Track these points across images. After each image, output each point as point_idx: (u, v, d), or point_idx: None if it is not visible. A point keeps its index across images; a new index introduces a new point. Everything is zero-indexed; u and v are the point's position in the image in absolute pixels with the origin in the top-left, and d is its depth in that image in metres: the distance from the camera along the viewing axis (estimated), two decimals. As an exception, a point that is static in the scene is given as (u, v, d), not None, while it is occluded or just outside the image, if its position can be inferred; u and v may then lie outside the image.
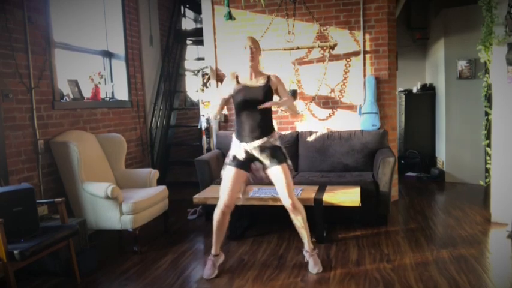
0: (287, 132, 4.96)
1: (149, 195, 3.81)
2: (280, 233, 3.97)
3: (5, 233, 2.60)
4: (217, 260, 3.15)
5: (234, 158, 3.03)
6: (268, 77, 3.02)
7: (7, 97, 3.38)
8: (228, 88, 2.98)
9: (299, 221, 3.08)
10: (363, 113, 4.79)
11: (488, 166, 4.22)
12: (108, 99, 4.93)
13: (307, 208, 3.66)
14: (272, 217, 4.12)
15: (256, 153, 2.97)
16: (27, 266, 2.86)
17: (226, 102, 3.05)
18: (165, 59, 5.95)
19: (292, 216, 3.09)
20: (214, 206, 3.06)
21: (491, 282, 2.82)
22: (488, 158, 4.21)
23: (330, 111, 5.02)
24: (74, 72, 4.44)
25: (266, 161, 2.98)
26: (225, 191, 3.02)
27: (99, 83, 4.58)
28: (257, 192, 3.82)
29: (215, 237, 3.11)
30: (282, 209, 3.76)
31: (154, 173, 4.28)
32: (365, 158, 4.55)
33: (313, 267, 3.08)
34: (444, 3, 5.95)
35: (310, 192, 3.76)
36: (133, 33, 5.26)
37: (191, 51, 7.02)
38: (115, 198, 3.54)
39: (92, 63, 4.79)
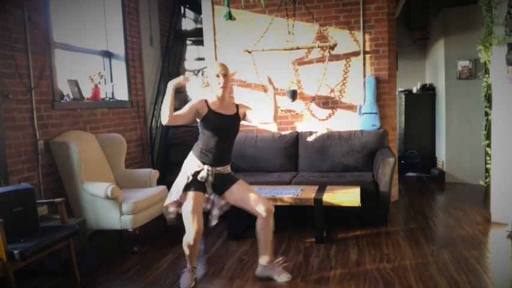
0: (287, 132, 4.97)
1: (149, 195, 3.81)
2: (280, 233, 3.96)
3: (5, 233, 2.60)
4: (195, 272, 3.04)
5: (193, 180, 2.87)
6: (237, 106, 3.03)
7: (7, 97, 3.38)
8: (195, 105, 2.85)
9: (270, 229, 2.96)
10: (363, 113, 4.79)
11: (488, 166, 4.22)
12: (108, 99, 4.93)
13: (308, 208, 3.67)
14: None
15: (213, 179, 2.89)
16: (27, 266, 2.87)
17: (188, 115, 2.83)
18: (165, 59, 5.95)
19: (264, 225, 2.92)
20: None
21: (491, 282, 2.82)
22: (488, 158, 4.21)
23: (329, 111, 5.02)
24: (74, 72, 4.44)
25: (223, 185, 2.94)
26: (193, 219, 2.85)
27: (99, 83, 4.58)
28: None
29: (191, 254, 3.00)
30: (282, 208, 3.78)
31: (154, 173, 4.28)
32: (365, 158, 4.55)
33: (280, 276, 2.96)
34: (444, 3, 5.95)
35: (310, 192, 3.76)
36: (133, 33, 5.26)
37: (191, 51, 7.02)
38: (115, 198, 3.55)
39: (92, 63, 4.79)
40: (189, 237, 2.89)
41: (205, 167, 2.89)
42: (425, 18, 7.05)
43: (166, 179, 5.65)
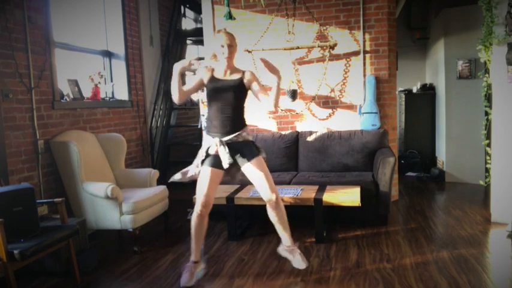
0: (287, 132, 4.97)
1: (149, 195, 3.81)
2: (280, 233, 3.96)
3: (5, 233, 2.60)
4: (196, 268, 2.98)
5: (207, 155, 2.90)
6: (243, 73, 2.95)
7: (7, 97, 3.38)
8: (200, 75, 2.94)
9: (282, 217, 2.95)
10: (363, 113, 4.79)
11: (488, 166, 4.22)
12: (108, 99, 4.93)
13: (308, 208, 3.67)
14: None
15: (225, 147, 2.84)
16: (27, 266, 2.87)
17: (195, 86, 2.94)
18: (165, 59, 5.95)
19: (274, 213, 2.94)
20: (214, 206, 3.05)
21: (491, 282, 2.82)
22: (488, 158, 4.21)
23: (330, 111, 5.02)
24: (74, 72, 4.44)
25: (239, 157, 2.89)
26: (201, 192, 2.88)
27: (99, 82, 4.59)
28: (257, 192, 3.81)
29: (194, 242, 2.96)
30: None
31: (154, 173, 4.28)
32: (365, 158, 4.55)
33: (300, 262, 3.00)
34: (444, 3, 5.95)
35: (310, 192, 3.76)
36: (133, 33, 5.26)
37: (191, 51, 7.02)
38: (115, 198, 3.54)
39: (92, 63, 4.79)
40: (194, 213, 2.89)
41: (215, 140, 2.86)
42: (425, 18, 7.06)
43: (167, 179, 5.66)
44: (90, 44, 4.76)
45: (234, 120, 2.91)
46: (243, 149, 2.91)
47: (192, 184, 4.94)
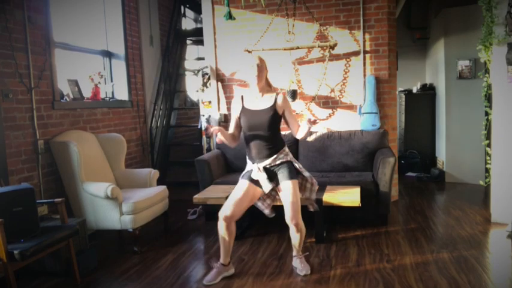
0: (287, 132, 4.95)
1: (149, 195, 3.81)
2: (280, 233, 3.96)
3: (5, 233, 2.60)
4: (224, 270, 3.04)
5: (249, 174, 2.98)
6: (275, 99, 2.97)
7: (7, 97, 3.38)
8: (235, 110, 3.05)
9: (297, 239, 3.02)
10: (363, 113, 4.79)
11: (488, 166, 4.22)
12: (108, 99, 4.93)
13: (308, 208, 3.67)
14: (272, 217, 4.12)
15: (263, 173, 2.92)
16: (27, 266, 2.87)
17: (236, 125, 3.05)
18: (165, 59, 5.95)
19: (292, 235, 3.02)
20: (214, 206, 3.05)
21: (491, 282, 2.82)
22: (488, 158, 4.21)
23: (330, 111, 5.02)
24: (74, 72, 4.44)
25: (277, 177, 2.95)
26: (232, 201, 2.92)
27: (99, 83, 4.59)
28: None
29: (222, 246, 3.02)
30: (282, 208, 3.77)
31: (154, 173, 4.28)
32: (365, 158, 4.55)
33: (301, 269, 3.05)
34: (444, 3, 5.95)
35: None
36: (133, 33, 5.26)
37: (191, 51, 7.02)
38: (115, 198, 3.54)
39: (92, 63, 4.79)
40: (220, 219, 2.93)
41: (254, 165, 2.95)
42: (425, 18, 7.06)
43: (167, 179, 5.67)
44: (90, 44, 4.76)
45: (270, 146, 2.94)
46: (280, 169, 2.95)
47: (192, 184, 4.96)
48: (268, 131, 2.93)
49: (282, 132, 2.94)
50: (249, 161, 3.04)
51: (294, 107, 5.06)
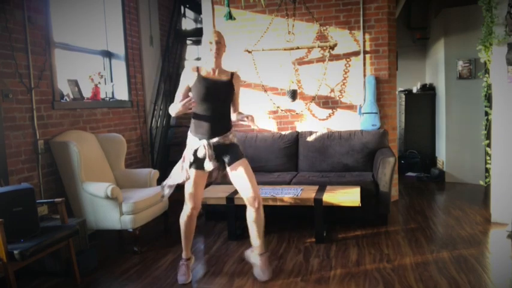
0: (287, 132, 4.96)
1: (149, 195, 3.80)
2: (280, 233, 3.97)
3: (5, 233, 2.59)
4: (190, 263, 3.05)
5: (194, 158, 2.82)
6: (232, 74, 2.92)
7: (7, 97, 3.38)
8: (186, 81, 2.84)
9: (260, 220, 2.90)
10: (363, 113, 4.79)
11: (488, 166, 4.22)
12: (108, 99, 4.93)
13: (308, 208, 3.68)
14: (272, 217, 4.12)
15: (211, 150, 2.79)
16: (27, 266, 2.87)
17: (184, 95, 2.84)
18: (165, 59, 5.95)
19: (254, 215, 2.88)
20: (214, 206, 3.05)
21: (491, 282, 2.82)
22: (488, 158, 4.21)
23: (330, 111, 5.02)
24: (74, 72, 4.44)
25: (225, 158, 2.86)
26: (190, 195, 2.90)
27: (99, 83, 4.59)
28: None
29: (185, 241, 3.01)
30: (282, 208, 3.78)
31: (154, 173, 4.28)
32: (365, 158, 4.55)
33: (263, 272, 2.94)
34: (444, 3, 5.95)
35: (310, 192, 3.76)
36: (133, 33, 5.26)
37: (191, 51, 7.02)
38: (115, 198, 3.54)
39: (92, 63, 4.79)
40: (184, 213, 2.93)
41: (202, 142, 2.80)
42: (425, 18, 7.06)
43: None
44: (90, 44, 4.76)
45: (223, 121, 2.87)
46: (229, 150, 2.88)
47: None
48: (225, 104, 2.86)
49: (283, 132, 2.93)
50: (193, 137, 2.85)
51: (294, 107, 5.07)
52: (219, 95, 2.83)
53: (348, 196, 3.63)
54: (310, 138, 4.76)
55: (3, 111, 3.35)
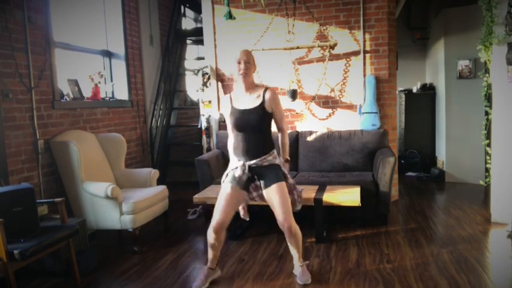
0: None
1: (149, 195, 3.81)
2: (280, 233, 3.93)
3: (5, 233, 2.59)
4: (212, 274, 2.98)
5: (232, 175, 2.84)
6: (264, 96, 2.83)
7: (7, 97, 3.38)
8: (225, 111, 2.93)
9: (296, 242, 2.91)
10: (363, 113, 4.79)
11: (488, 166, 4.22)
12: (108, 98, 4.92)
13: (308, 208, 3.67)
14: (272, 217, 4.12)
15: (253, 172, 2.81)
16: (27, 266, 2.87)
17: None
18: (165, 59, 5.95)
19: (288, 239, 2.90)
20: (214, 206, 3.04)
21: (491, 282, 2.82)
22: (488, 158, 4.21)
23: (330, 110, 5.02)
24: (74, 72, 4.44)
25: (263, 179, 2.81)
26: (218, 208, 2.83)
27: (99, 82, 4.59)
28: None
29: (211, 253, 2.96)
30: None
31: (154, 173, 4.28)
32: (365, 158, 4.55)
33: (300, 278, 2.93)
34: (444, 3, 5.95)
35: (310, 192, 3.76)
36: (133, 33, 5.26)
37: (191, 50, 7.02)
38: (115, 198, 3.54)
39: (92, 63, 4.79)
40: (210, 227, 2.86)
41: (240, 162, 2.81)
42: (425, 18, 7.05)
43: (167, 179, 5.67)
44: (90, 44, 4.76)
45: (258, 146, 2.83)
46: (266, 172, 2.82)
47: (192, 184, 4.95)
48: (258, 132, 2.82)
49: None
50: (234, 157, 2.88)
51: (294, 107, 5.06)
52: (250, 124, 2.80)
53: (348, 196, 3.63)
54: (310, 138, 4.75)
55: (3, 111, 3.35)
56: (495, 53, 3.97)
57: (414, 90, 6.80)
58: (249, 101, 2.85)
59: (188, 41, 6.71)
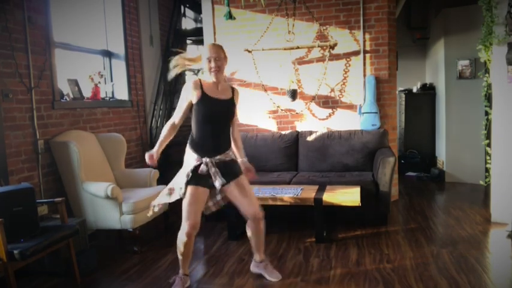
0: (287, 131, 4.96)
1: (149, 195, 3.80)
2: (280, 233, 3.97)
3: (5, 233, 2.59)
4: (186, 280, 2.88)
5: (193, 175, 2.71)
6: (233, 91, 2.85)
7: (7, 97, 3.38)
8: (189, 97, 2.71)
9: (261, 233, 2.90)
10: (363, 113, 4.79)
11: (488, 166, 4.22)
12: (108, 98, 4.92)
13: (308, 208, 3.67)
14: (272, 217, 4.13)
15: (215, 168, 2.71)
16: (27, 266, 2.87)
17: (185, 112, 2.77)
18: (165, 59, 5.94)
19: (254, 229, 2.88)
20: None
21: (491, 282, 2.82)
22: (488, 158, 4.21)
23: (330, 110, 5.02)
24: (74, 72, 4.44)
25: (225, 176, 2.73)
26: (188, 213, 2.69)
27: (99, 82, 4.58)
28: (256, 192, 3.81)
29: (183, 260, 2.83)
30: (282, 208, 3.78)
31: (154, 173, 4.28)
32: (365, 158, 4.55)
33: (271, 275, 2.96)
34: (444, 3, 5.95)
35: (310, 192, 3.76)
36: (133, 33, 5.26)
37: (191, 50, 7.02)
38: (115, 198, 3.54)
39: (92, 63, 4.78)
40: (182, 232, 2.71)
41: (204, 159, 2.70)
42: (425, 18, 7.05)
43: (167, 179, 5.66)
44: (90, 44, 4.76)
45: (224, 140, 2.81)
46: (228, 167, 2.78)
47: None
48: (228, 124, 2.80)
49: (283, 132, 2.89)
50: (193, 154, 2.76)
51: (294, 107, 5.06)
52: (223, 115, 2.76)
53: (348, 196, 3.63)
54: (310, 138, 4.75)
55: (3, 111, 3.35)
56: (495, 53, 3.97)
57: (414, 90, 6.80)
58: (221, 92, 2.76)
59: (188, 41, 6.71)
